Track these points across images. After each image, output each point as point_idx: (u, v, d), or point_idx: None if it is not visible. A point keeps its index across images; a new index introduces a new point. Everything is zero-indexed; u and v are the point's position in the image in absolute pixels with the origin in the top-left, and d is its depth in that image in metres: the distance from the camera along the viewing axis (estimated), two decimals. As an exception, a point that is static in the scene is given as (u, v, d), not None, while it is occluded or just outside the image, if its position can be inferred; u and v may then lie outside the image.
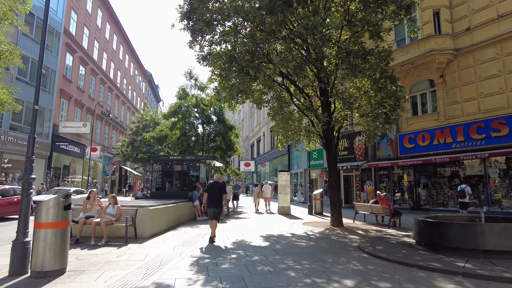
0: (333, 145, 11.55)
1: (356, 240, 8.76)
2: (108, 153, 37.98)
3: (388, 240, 8.61)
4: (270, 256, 6.69)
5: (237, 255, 6.80)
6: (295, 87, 11.81)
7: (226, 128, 22.82)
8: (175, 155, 17.94)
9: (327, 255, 6.79)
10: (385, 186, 19.72)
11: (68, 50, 27.54)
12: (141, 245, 7.72)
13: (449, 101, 16.39)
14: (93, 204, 8.55)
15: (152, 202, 10.95)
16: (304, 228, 11.25)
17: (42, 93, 23.63)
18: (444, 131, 16.34)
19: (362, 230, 10.83)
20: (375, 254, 6.68)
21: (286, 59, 8.24)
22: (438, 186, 17.07)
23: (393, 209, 12.10)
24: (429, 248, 6.90)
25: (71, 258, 6.23)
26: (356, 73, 9.23)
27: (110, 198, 8.54)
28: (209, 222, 8.60)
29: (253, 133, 48.30)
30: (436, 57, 16.25)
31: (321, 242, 8.37)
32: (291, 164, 30.57)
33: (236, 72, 9.76)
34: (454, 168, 16.29)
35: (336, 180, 11.68)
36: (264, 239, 8.88)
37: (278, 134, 12.52)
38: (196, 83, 22.59)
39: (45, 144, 24.05)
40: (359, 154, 21.08)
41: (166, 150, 26.99)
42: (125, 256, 6.52)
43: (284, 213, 16.63)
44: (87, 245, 7.65)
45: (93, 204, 8.54)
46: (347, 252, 7.15)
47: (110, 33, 38.44)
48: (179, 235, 9.46)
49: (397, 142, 18.80)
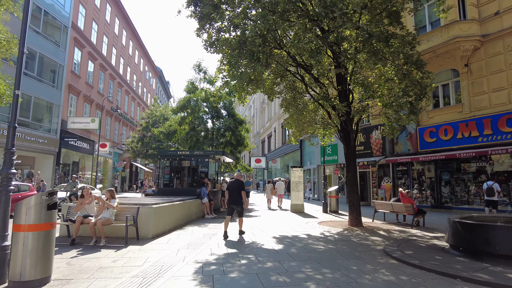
0: (351, 138, 10.64)
1: (379, 243, 7.89)
2: (118, 149, 37.70)
3: (416, 243, 7.71)
4: (285, 262, 5.89)
5: (248, 260, 6.01)
6: (310, 76, 10.92)
7: (236, 122, 22.01)
8: (183, 150, 17.25)
9: (350, 261, 5.96)
10: (404, 183, 18.68)
11: (77, 45, 27.12)
12: (142, 247, 7.02)
13: (474, 92, 15.24)
14: (88, 202, 7.85)
15: (158, 200, 10.28)
16: (320, 228, 10.40)
17: (50, 88, 23.30)
18: (469, 124, 15.22)
19: (384, 231, 9.93)
20: (405, 261, 5.81)
21: (301, 41, 7.36)
22: (462, 183, 15.96)
23: (416, 208, 11.15)
24: (468, 254, 5.99)
25: (61, 263, 5.56)
26: (379, 57, 8.28)
27: (107, 193, 7.87)
28: (225, 218, 8.80)
29: (264, 129, 47.45)
30: (460, 45, 15.10)
31: (341, 245, 7.53)
32: (303, 160, 29.65)
33: (246, 59, 8.93)
34: (481, 163, 15.16)
35: (355, 176, 10.78)
36: (277, 241, 8.08)
37: (291, 127, 11.64)
38: (205, 76, 21.81)
39: (53, 140, 23.71)
40: (376, 149, 20.04)
41: (176, 146, 26.39)
42: (122, 261, 5.81)
43: (298, 211, 15.80)
44: (85, 246, 6.99)
45: (88, 202, 7.85)
46: (373, 258, 6.30)
47: (119, 28, 38.00)
48: (185, 235, 8.74)
49: (417, 136, 17.72)
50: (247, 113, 61.61)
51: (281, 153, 36.45)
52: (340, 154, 23.26)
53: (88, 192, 7.99)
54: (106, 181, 35.39)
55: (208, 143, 21.32)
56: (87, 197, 7.90)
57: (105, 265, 5.50)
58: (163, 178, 15.54)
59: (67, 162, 27.37)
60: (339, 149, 23.32)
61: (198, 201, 12.87)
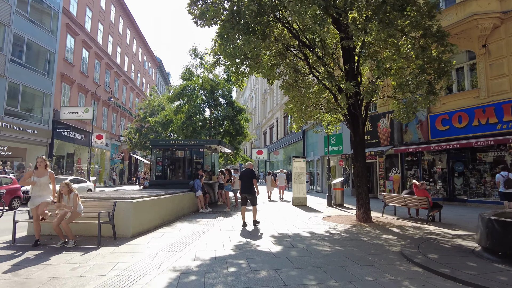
0: (360, 124, 9.45)
1: (394, 242, 6.79)
2: (116, 141, 36.70)
3: (438, 243, 6.59)
4: (283, 270, 4.79)
5: (237, 268, 4.92)
6: (313, 54, 9.71)
7: (235, 111, 20.81)
8: (176, 140, 16.12)
9: (363, 269, 4.85)
10: (414, 174, 17.52)
11: (69, 32, 25.92)
12: (115, 250, 5.95)
13: (493, 75, 13.96)
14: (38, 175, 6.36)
15: (145, 193, 9.22)
16: (325, 224, 9.30)
17: (41, 76, 22.21)
18: (487, 109, 13.98)
19: (397, 227, 8.82)
20: (432, 269, 4.69)
21: (302, 3, 6.14)
22: (478, 174, 14.77)
23: (431, 201, 10.02)
24: (509, 260, 4.86)
25: (3, 275, 4.50)
26: (393, 27, 7.06)
27: (62, 188, 6.42)
28: (241, 208, 9.01)
29: (265, 119, 46.25)
30: (478, 23, 13.80)
31: (350, 246, 6.42)
32: (306, 151, 28.51)
33: (240, 31, 7.75)
34: (499, 152, 13.96)
35: (364, 166, 9.61)
36: (275, 240, 6.97)
37: (293, 112, 10.46)
38: (202, 61, 20.57)
39: (45, 130, 22.68)
40: (384, 139, 18.84)
41: (173, 136, 25.30)
42: (83, 269, 4.74)
43: (300, 205, 14.71)
44: (49, 249, 5.94)
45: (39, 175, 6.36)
46: (390, 263, 5.19)
47: (116, 16, 36.68)
48: (171, 233, 7.67)
49: (428, 124, 16.50)
50: (249, 104, 60.36)
51: (283, 144, 35.31)
52: (345, 144, 22.09)
53: (41, 162, 6.42)
54: (104, 173, 34.50)
55: (205, 133, 20.19)
56: (41, 169, 6.41)
57: (60, 275, 4.44)
58: (156, 170, 14.45)
59: (62, 154, 26.37)
60: (344, 138, 22.15)
61: (191, 194, 11.80)
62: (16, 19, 19.88)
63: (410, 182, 17.49)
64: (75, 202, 6.37)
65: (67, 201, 6.45)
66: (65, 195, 6.46)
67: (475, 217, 11.24)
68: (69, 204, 6.41)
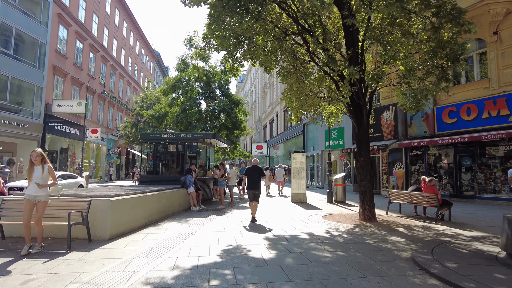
0: (364, 114, 8.64)
1: (403, 246, 6.02)
2: (112, 135, 35.93)
3: (453, 247, 5.82)
4: (275, 284, 4.02)
5: (221, 280, 4.16)
6: (313, 39, 8.87)
7: (232, 103, 19.96)
8: (168, 133, 15.31)
9: (370, 282, 4.09)
10: (418, 169, 16.74)
11: (61, 22, 25.02)
12: (85, 255, 5.20)
13: (505, 64, 13.13)
14: None
15: (128, 190, 8.46)
16: (326, 224, 8.53)
17: (31, 68, 21.37)
18: (498, 101, 13.16)
19: (404, 227, 8.06)
20: (454, 283, 3.93)
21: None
22: (487, 169, 13.98)
23: (441, 199, 9.24)
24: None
25: None
26: (403, 6, 6.23)
27: (36, 158, 5.42)
28: (249, 204, 9.01)
29: (265, 114, 45.43)
30: (490, 8, 12.95)
31: (354, 251, 5.65)
32: (307, 146, 27.73)
33: (231, 10, 6.92)
34: (511, 146, 13.15)
35: (368, 161, 8.83)
36: (269, 244, 6.20)
37: (291, 101, 9.64)
38: (194, 48, 19.65)
39: (36, 124, 21.89)
40: (387, 132, 18.03)
41: (170, 130, 24.47)
42: (36, 282, 3.99)
43: (299, 201, 13.95)
44: (10, 254, 5.19)
45: None
46: (401, 273, 4.43)
47: (112, 8, 35.70)
48: (154, 234, 6.92)
49: (434, 117, 15.68)
50: (249, 98, 59.49)
51: (283, 138, 34.52)
52: (347, 138, 21.31)
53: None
54: (100, 168, 33.78)
55: (201, 127, 19.38)
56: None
57: (5, 291, 3.70)
58: (147, 165, 13.68)
59: (55, 148, 25.61)
60: (346, 132, 21.36)
61: (182, 191, 11.04)
62: (3, 8, 19.02)
63: (415, 178, 16.74)
64: (53, 175, 5.46)
65: (41, 174, 5.42)
66: (37, 166, 5.46)
67: (486, 215, 10.52)
68: (43, 177, 5.42)
